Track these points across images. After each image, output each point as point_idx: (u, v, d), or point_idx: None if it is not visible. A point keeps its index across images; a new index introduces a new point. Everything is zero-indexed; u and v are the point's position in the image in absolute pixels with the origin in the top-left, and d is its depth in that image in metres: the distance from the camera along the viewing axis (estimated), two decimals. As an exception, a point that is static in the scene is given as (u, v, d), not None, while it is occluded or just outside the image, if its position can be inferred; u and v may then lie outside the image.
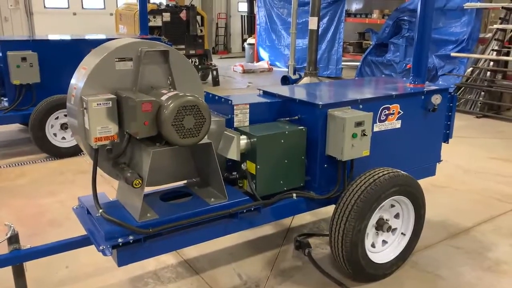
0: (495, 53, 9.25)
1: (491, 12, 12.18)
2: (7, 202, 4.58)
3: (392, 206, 3.31)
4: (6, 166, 5.61)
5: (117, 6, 13.88)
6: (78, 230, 2.90)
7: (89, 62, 2.62)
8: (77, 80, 2.61)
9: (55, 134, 5.84)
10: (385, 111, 3.42)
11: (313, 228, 4.12)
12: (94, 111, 2.45)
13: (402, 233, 3.39)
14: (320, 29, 10.81)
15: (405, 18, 11.54)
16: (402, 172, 3.20)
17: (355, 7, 16.55)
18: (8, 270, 2.74)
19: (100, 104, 2.47)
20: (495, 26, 9.52)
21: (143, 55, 2.63)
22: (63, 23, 14.93)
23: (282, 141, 3.07)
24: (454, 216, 4.40)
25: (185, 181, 3.18)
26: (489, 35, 10.23)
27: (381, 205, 3.10)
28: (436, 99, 3.65)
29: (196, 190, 3.06)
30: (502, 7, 9.53)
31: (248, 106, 3.20)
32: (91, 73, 2.53)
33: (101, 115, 2.48)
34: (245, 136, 3.04)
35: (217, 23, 19.51)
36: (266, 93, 3.58)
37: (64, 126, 5.82)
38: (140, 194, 2.60)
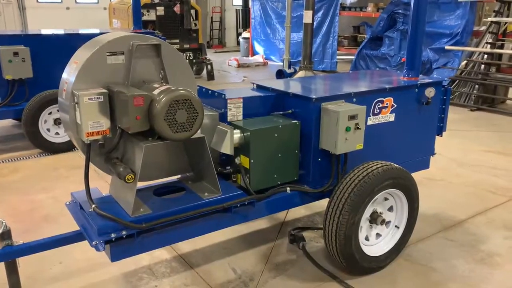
0: (489, 46, 9.26)
1: (486, 5, 12.20)
2: (0, 198, 4.55)
3: (386, 199, 3.32)
4: (0, 162, 5.59)
5: (110, 0, 13.77)
6: (72, 225, 2.89)
7: (80, 56, 2.60)
8: (69, 74, 2.59)
9: (48, 130, 5.81)
10: (378, 104, 3.42)
11: (307, 222, 4.12)
12: (85, 106, 2.43)
13: (396, 226, 3.40)
14: (314, 23, 10.78)
15: (400, 11, 11.54)
16: (396, 165, 3.20)
17: (349, 0, 16.49)
18: (0, 266, 2.73)
19: (92, 98, 2.45)
20: (489, 19, 9.53)
21: (135, 49, 2.61)
22: (56, 17, 14.84)
23: (276, 135, 3.06)
24: (448, 208, 4.42)
25: (178, 176, 3.17)
26: (483, 28, 10.24)
27: (374, 198, 3.11)
28: (430, 92, 3.66)
29: (189, 184, 3.05)
30: (496, 0, 9.53)
31: (241, 100, 3.19)
32: (82, 67, 2.51)
33: (93, 109, 2.46)
34: (238, 130, 3.02)
35: (211, 17, 19.42)
36: (259, 87, 3.57)
37: (57, 122, 5.80)
38: (133, 189, 2.58)
